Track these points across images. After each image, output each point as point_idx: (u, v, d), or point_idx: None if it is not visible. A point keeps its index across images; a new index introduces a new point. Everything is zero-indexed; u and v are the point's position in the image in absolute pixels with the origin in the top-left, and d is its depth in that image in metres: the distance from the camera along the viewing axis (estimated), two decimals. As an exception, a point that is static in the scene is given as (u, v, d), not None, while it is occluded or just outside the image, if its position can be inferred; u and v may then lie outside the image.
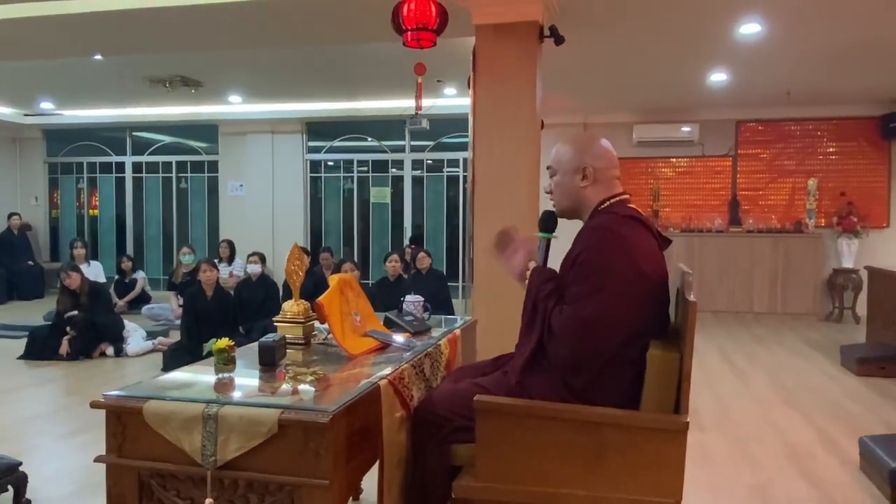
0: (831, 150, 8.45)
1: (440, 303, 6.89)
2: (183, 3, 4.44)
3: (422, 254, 7.21)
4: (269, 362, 2.04)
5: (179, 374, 2.01)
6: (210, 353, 1.97)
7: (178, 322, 6.42)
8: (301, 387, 1.86)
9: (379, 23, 4.21)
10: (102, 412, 1.74)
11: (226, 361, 1.91)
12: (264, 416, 1.62)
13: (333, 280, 2.41)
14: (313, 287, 7.07)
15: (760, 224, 8.50)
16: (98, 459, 1.74)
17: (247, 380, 1.92)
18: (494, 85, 4.42)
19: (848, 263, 8.05)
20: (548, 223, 2.20)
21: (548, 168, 2.19)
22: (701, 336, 7.01)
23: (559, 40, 4.40)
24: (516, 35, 4.36)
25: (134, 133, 10.62)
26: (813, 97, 7.86)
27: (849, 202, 8.22)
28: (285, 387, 1.86)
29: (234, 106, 9.37)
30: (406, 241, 9.48)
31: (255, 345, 2.16)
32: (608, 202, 2.05)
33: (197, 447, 1.65)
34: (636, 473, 1.78)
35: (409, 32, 3.78)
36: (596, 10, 4.56)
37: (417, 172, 9.80)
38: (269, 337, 2.10)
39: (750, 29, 4.99)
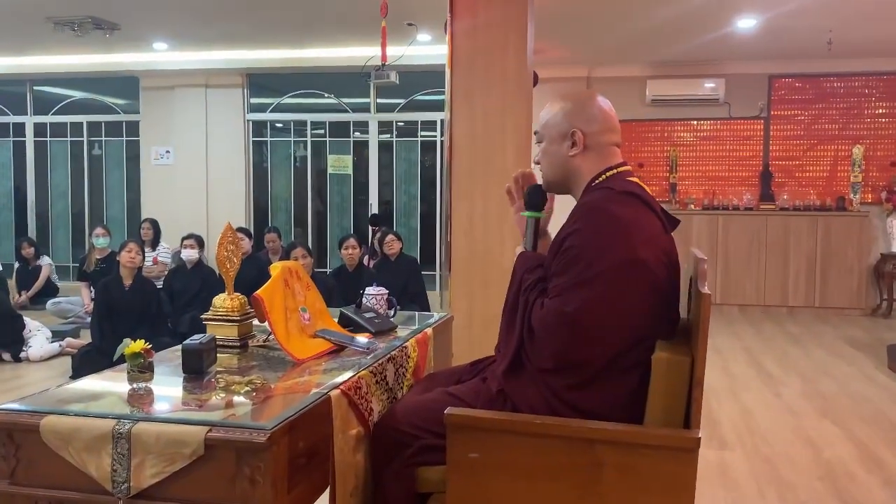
0: (881, 111, 8.59)
1: (412, 296, 6.92)
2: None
3: (391, 237, 7.20)
4: (196, 370, 2.03)
5: (85, 384, 2.00)
6: (122, 359, 1.96)
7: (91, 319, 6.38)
8: (234, 398, 1.86)
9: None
10: None
11: (141, 369, 1.90)
12: (187, 435, 1.61)
13: (276, 269, 2.41)
14: (257, 276, 7.04)
15: (796, 200, 8.63)
16: (-15, 488, 1.74)
17: (167, 390, 1.92)
18: (476, 31, 4.42)
19: (899, 247, 8.21)
20: (534, 199, 2.24)
21: (535, 133, 2.21)
22: (724, 335, 7.12)
23: (555, -24, 4.40)
24: (503, -31, 4.36)
25: (36, 87, 10.48)
26: (859, 47, 7.92)
27: (901, 174, 8.38)
28: (215, 399, 1.86)
29: (159, 54, 9.28)
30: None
31: (178, 348, 2.15)
32: (604, 175, 2.06)
33: (106, 472, 1.64)
34: (638, 499, 1.80)
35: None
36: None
37: (386, 136, 9.76)
38: (196, 339, 2.09)
39: (784, -35, 5.02)
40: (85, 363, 5.47)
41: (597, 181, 2.06)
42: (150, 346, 1.95)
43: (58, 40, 8.11)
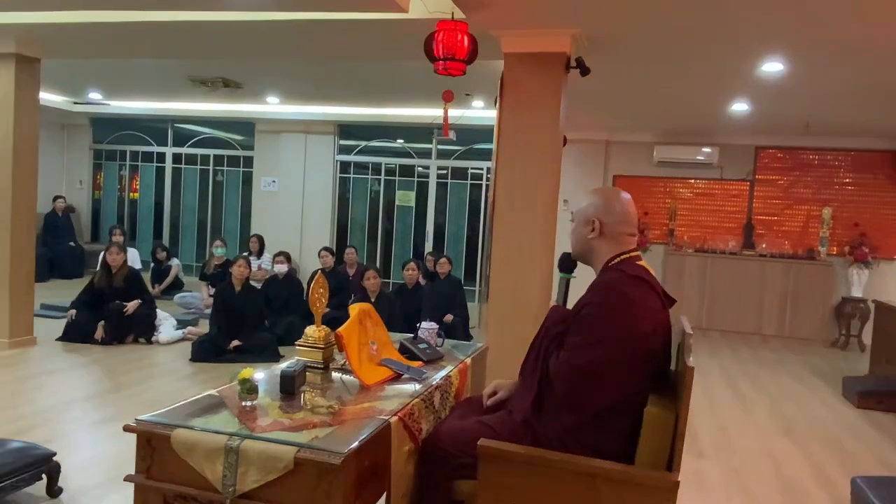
0: (847, 180, 8.34)
1: (456, 307, 6.96)
2: (231, 18, 4.52)
3: (443, 259, 7.27)
4: (289, 391, 2.11)
5: (206, 398, 2.06)
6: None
7: (208, 311, 6.54)
8: (317, 418, 1.92)
9: (413, 46, 4.26)
10: (134, 400, 1.82)
11: (249, 391, 1.97)
12: (282, 453, 1.68)
13: (354, 310, 2.47)
14: (336, 285, 7.19)
15: (773, 249, 8.43)
16: (128, 479, 1.82)
17: (267, 409, 1.98)
18: (520, 111, 4.44)
19: (857, 293, 7.95)
20: (565, 264, 2.31)
21: (571, 213, 2.25)
22: (707, 355, 7.01)
23: (585, 72, 4.40)
24: (543, 64, 4.37)
25: (175, 125, 10.78)
26: (831, 129, 7.74)
27: (861, 233, 8.11)
28: (303, 419, 1.91)
29: (271, 106, 9.47)
30: (428, 248, 9.53)
31: (278, 371, 2.23)
32: (618, 258, 2.09)
33: (218, 476, 1.72)
34: (626, 524, 1.82)
35: (441, 62, 3.82)
36: (624, 43, 4.57)
37: (443, 172, 9.81)
38: (290, 365, 2.16)
39: (772, 67, 4.96)
40: (201, 350, 5.63)
41: (612, 262, 2.10)
42: (255, 369, 2.02)
43: (194, 92, 8.37)
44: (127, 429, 1.81)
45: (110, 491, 3.11)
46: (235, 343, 5.69)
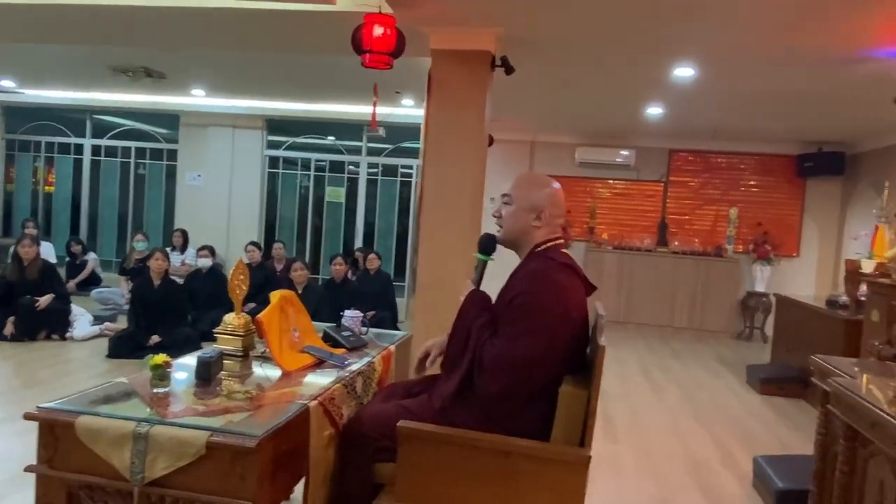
0: (752, 183, 8.77)
1: (386, 302, 6.91)
2: (151, 3, 4.33)
3: (372, 255, 7.21)
4: (205, 377, 2.02)
5: (115, 386, 1.96)
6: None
7: (127, 307, 6.23)
8: (233, 405, 1.85)
9: (340, 39, 4.19)
10: (45, 397, 1.72)
11: (161, 378, 1.88)
12: (193, 438, 1.61)
13: (275, 297, 2.40)
14: (263, 280, 6.99)
15: (685, 246, 8.76)
16: (28, 469, 1.71)
17: (181, 396, 1.90)
18: (447, 107, 4.44)
19: (760, 287, 8.37)
20: (487, 246, 2.23)
21: (503, 196, 2.18)
22: (623, 347, 7.22)
23: (509, 71, 4.46)
24: (470, 62, 4.40)
25: (94, 116, 10.24)
26: (738, 134, 8.16)
27: (764, 232, 8.54)
28: (218, 405, 1.84)
29: (197, 98, 9.12)
30: (357, 244, 9.41)
31: (195, 356, 2.14)
32: (545, 245, 2.10)
33: (126, 464, 1.63)
34: (543, 499, 1.83)
35: (368, 54, 3.78)
36: (545, 45, 4.65)
37: (374, 170, 9.73)
38: (207, 353, 2.08)
39: (684, 72, 5.15)
40: (119, 345, 5.36)
41: (539, 248, 2.09)
42: (169, 358, 1.93)
43: (114, 81, 7.97)
44: (28, 416, 1.70)
45: (13, 490, 2.91)
46: (155, 339, 5.44)
